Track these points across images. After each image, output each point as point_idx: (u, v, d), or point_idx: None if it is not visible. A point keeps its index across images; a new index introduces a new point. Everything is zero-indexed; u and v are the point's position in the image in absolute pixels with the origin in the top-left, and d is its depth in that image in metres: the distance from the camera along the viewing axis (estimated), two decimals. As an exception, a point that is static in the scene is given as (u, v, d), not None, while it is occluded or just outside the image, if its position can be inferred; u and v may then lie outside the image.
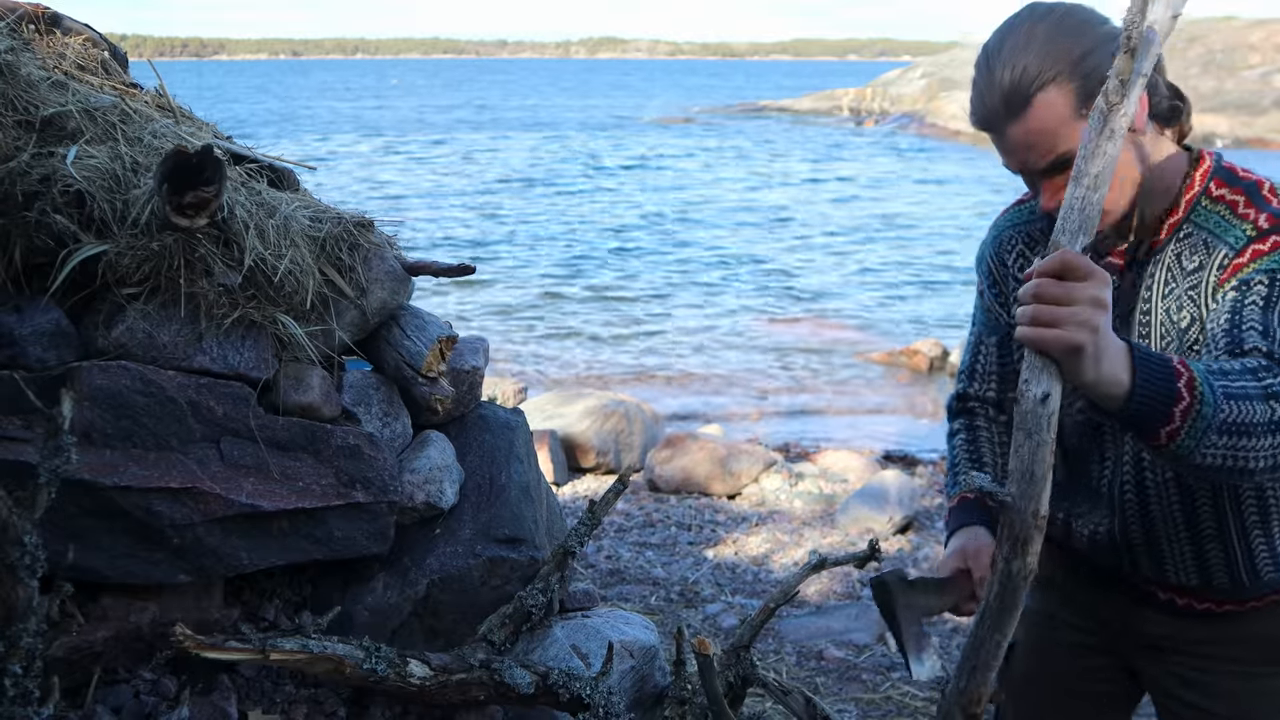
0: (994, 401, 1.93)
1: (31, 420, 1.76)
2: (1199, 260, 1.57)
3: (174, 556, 1.88)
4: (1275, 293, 1.46)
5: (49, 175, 1.82)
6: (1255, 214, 1.53)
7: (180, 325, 1.88)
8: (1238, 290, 1.49)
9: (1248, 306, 1.46)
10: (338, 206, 2.16)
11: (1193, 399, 1.29)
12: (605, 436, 6.71)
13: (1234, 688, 1.74)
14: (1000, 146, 1.53)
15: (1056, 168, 1.49)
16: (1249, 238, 1.51)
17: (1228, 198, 1.57)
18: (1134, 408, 1.29)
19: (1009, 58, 1.46)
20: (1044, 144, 1.47)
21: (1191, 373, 1.31)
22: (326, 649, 1.86)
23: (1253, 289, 1.47)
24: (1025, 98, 1.45)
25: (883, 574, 1.77)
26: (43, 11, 2.29)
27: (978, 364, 1.93)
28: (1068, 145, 1.46)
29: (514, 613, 2.14)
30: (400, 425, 2.18)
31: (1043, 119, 1.46)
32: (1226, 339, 1.44)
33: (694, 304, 12.90)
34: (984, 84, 1.49)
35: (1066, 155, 1.46)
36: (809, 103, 49.89)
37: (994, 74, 1.47)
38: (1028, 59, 1.45)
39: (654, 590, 4.62)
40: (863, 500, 5.70)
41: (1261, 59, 32.71)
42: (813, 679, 3.85)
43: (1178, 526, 1.70)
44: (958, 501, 1.87)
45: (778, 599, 2.47)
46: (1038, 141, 1.47)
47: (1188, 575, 1.72)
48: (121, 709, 1.84)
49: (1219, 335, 1.46)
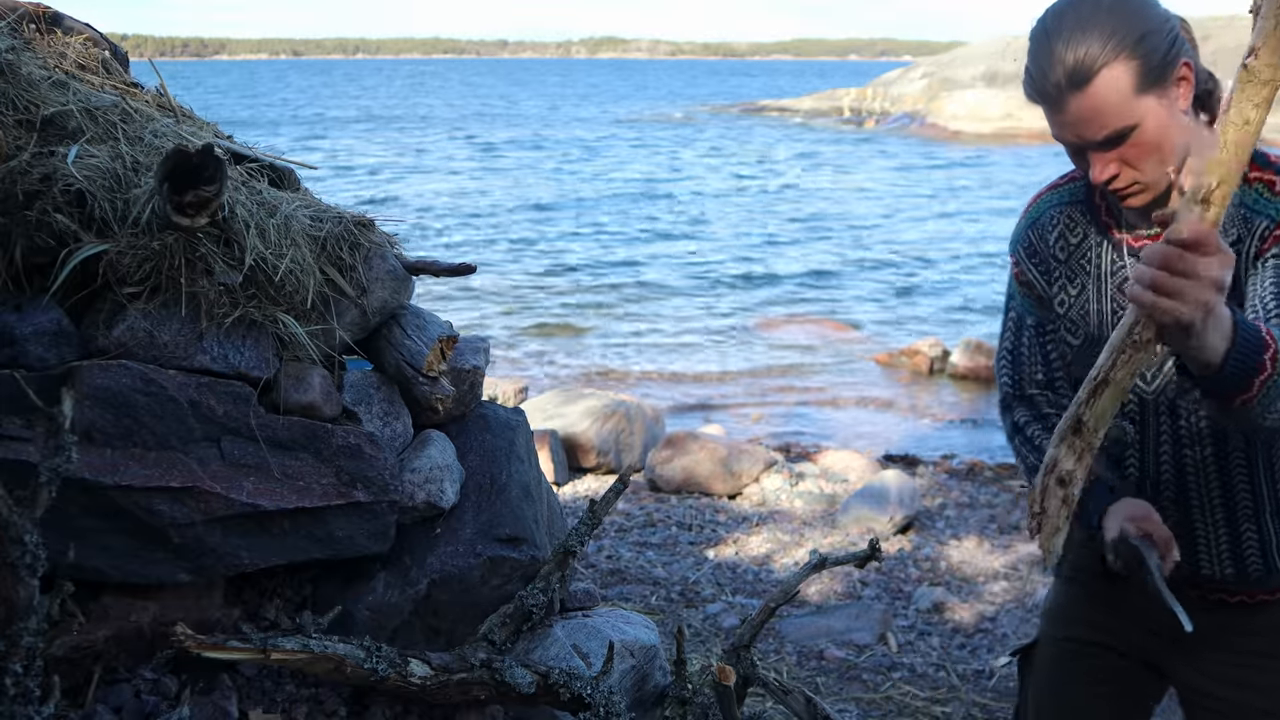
0: (1044, 384, 1.91)
1: (32, 419, 1.76)
2: (1237, 233, 1.61)
3: (175, 556, 1.88)
4: None
5: (50, 174, 1.82)
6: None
7: (181, 324, 1.88)
8: (1277, 259, 1.55)
9: None
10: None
11: (1273, 370, 1.35)
12: (606, 436, 6.70)
13: (1269, 681, 1.74)
14: (1056, 119, 1.56)
15: (1112, 141, 1.54)
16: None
17: (1262, 177, 1.62)
18: (1222, 376, 1.34)
19: (1072, 33, 1.50)
20: (1103, 119, 1.52)
21: (1276, 345, 1.36)
22: (327, 648, 1.86)
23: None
24: (1090, 73, 1.49)
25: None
26: (44, 11, 2.29)
27: (1021, 350, 1.92)
28: (1124, 121, 1.52)
29: (515, 612, 2.14)
30: (401, 425, 2.18)
31: (1104, 95, 1.50)
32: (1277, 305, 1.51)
33: (694, 304, 12.90)
34: (1044, 58, 1.53)
35: (1123, 130, 1.52)
36: (810, 103, 49.88)
37: (1055, 48, 1.51)
38: (1092, 35, 1.49)
39: (655, 590, 4.61)
40: (864, 500, 5.70)
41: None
42: (813, 679, 3.85)
43: (1214, 506, 1.72)
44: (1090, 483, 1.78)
45: (778, 599, 2.47)
46: (1097, 116, 1.52)
47: (1221, 563, 1.73)
48: (122, 708, 1.84)
49: (1269, 302, 1.52)
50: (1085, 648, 1.92)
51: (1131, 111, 1.51)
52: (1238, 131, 1.26)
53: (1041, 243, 1.84)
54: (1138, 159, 1.55)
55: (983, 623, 4.41)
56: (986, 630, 4.32)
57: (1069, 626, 1.96)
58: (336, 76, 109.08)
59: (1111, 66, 1.49)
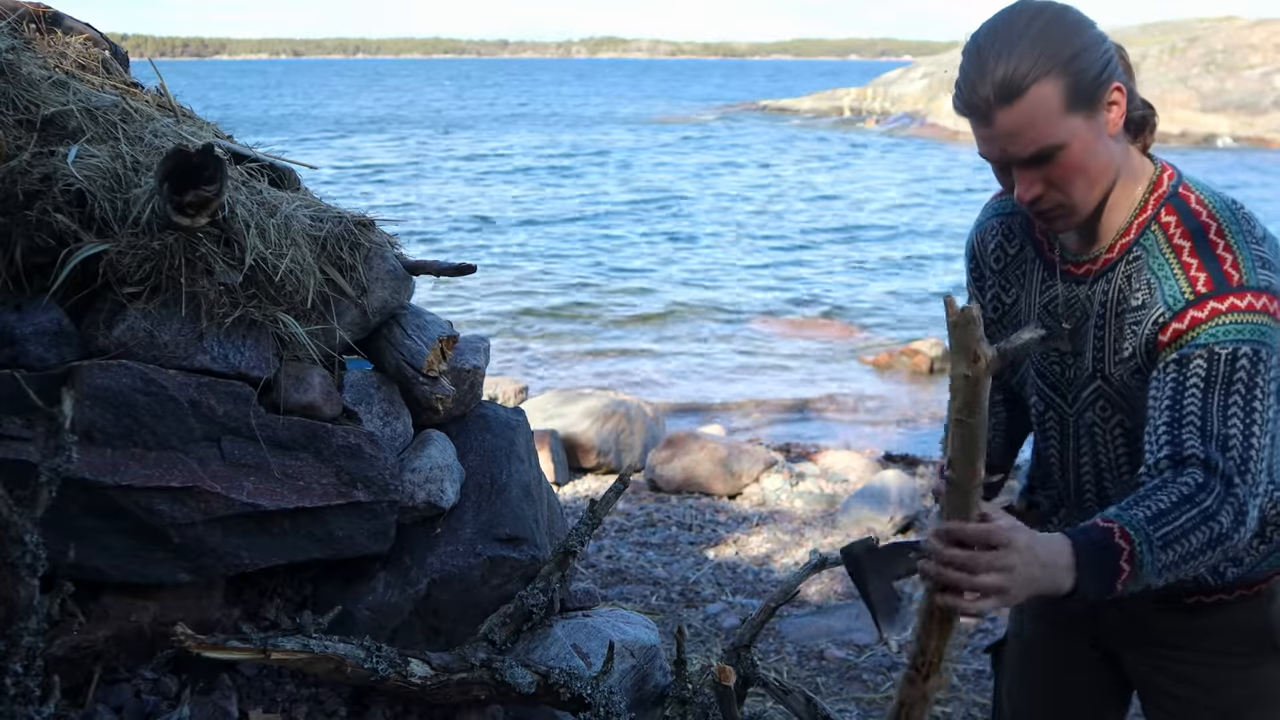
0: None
1: (32, 419, 1.76)
2: (1142, 299, 1.60)
3: (175, 556, 1.88)
4: (1214, 372, 1.50)
5: (50, 174, 1.82)
6: (1197, 269, 1.55)
7: (181, 324, 1.88)
8: (1178, 367, 1.52)
9: (1188, 393, 1.50)
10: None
11: (1133, 568, 1.38)
12: (606, 436, 6.70)
13: (1217, 678, 1.75)
14: (983, 134, 1.55)
15: (1037, 160, 1.52)
16: (1187, 301, 1.54)
17: (1175, 238, 1.59)
18: (1078, 595, 1.37)
19: (1004, 47, 1.49)
20: (1030, 135, 1.50)
21: (1132, 545, 1.38)
22: (327, 648, 1.86)
23: (1191, 368, 1.51)
24: (1019, 88, 1.48)
25: (850, 544, 1.81)
26: (44, 11, 2.29)
27: None
28: (1051, 139, 1.50)
29: (515, 612, 2.14)
30: (401, 424, 2.17)
31: (1033, 111, 1.49)
32: (1169, 438, 1.49)
33: (694, 303, 12.89)
34: (975, 71, 1.52)
35: (1049, 148, 1.50)
36: (810, 103, 49.88)
37: (986, 62, 1.50)
38: (1023, 51, 1.48)
39: (655, 590, 4.61)
40: (864, 500, 5.70)
41: (1262, 59, 32.69)
42: (813, 679, 3.85)
43: None
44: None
45: (778, 598, 2.47)
46: (1024, 132, 1.50)
47: None
48: (122, 708, 1.84)
49: (1161, 429, 1.51)
50: (1051, 641, 1.94)
51: (1058, 130, 1.49)
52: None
53: (980, 248, 1.86)
54: (1063, 181, 1.54)
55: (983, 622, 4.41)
56: (986, 630, 4.32)
57: (1035, 621, 1.99)
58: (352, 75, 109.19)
59: (1041, 83, 1.47)
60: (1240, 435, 1.47)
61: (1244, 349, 1.49)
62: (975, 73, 1.51)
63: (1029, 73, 1.47)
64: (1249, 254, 1.54)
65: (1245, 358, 1.49)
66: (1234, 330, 1.50)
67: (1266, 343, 1.51)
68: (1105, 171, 1.57)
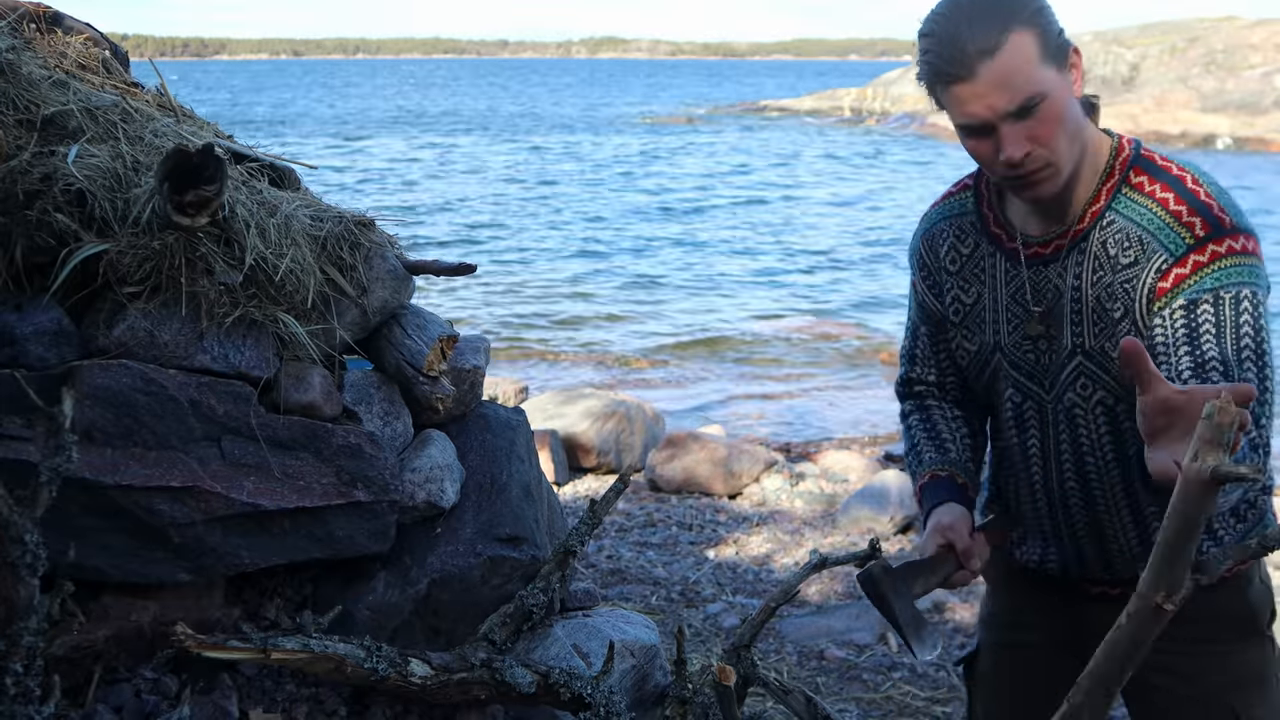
0: (935, 384, 1.98)
1: (32, 419, 1.76)
2: (1133, 255, 1.61)
3: (175, 555, 1.88)
4: (1222, 314, 1.53)
5: (50, 174, 1.82)
6: (1189, 215, 1.58)
7: (181, 324, 1.88)
8: (1185, 312, 1.55)
9: (1203, 338, 1.53)
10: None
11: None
12: (606, 436, 6.71)
13: (1196, 666, 1.75)
14: (965, 93, 1.55)
15: (1025, 110, 1.54)
16: (1188, 245, 1.57)
17: (1155, 193, 1.62)
18: None
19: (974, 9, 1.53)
20: (1016, 83, 1.52)
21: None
22: (327, 648, 1.86)
23: (1199, 313, 1.54)
24: (1000, 39, 1.51)
25: (868, 568, 1.80)
26: (44, 10, 2.29)
27: (916, 350, 1.98)
28: (1034, 87, 1.53)
29: (515, 612, 2.14)
30: (401, 424, 2.18)
31: (1014, 58, 1.52)
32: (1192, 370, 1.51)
33: (695, 303, 12.89)
34: (951, 32, 1.54)
35: (1033, 96, 1.53)
36: (810, 102, 49.87)
37: (959, 27, 1.53)
38: (994, 8, 1.53)
39: (655, 590, 4.61)
40: (864, 500, 5.70)
41: (1263, 59, 32.67)
42: (813, 679, 3.85)
43: (1120, 509, 1.74)
44: (929, 479, 1.90)
45: (778, 598, 2.47)
46: (1010, 80, 1.52)
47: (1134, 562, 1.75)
48: (122, 708, 1.84)
49: (1185, 373, 1.52)
50: (1021, 650, 1.95)
51: (1039, 79, 1.53)
52: None
53: (931, 255, 1.87)
54: (1048, 136, 1.55)
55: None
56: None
57: (1004, 631, 1.99)
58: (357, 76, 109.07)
59: (1018, 33, 1.51)
60: (1256, 373, 1.51)
61: (1244, 291, 1.53)
62: (951, 36, 1.53)
63: (1006, 25, 1.51)
64: (1229, 200, 1.59)
65: (1248, 300, 1.53)
66: (1234, 273, 1.54)
67: (1263, 285, 1.56)
68: (1080, 129, 1.60)
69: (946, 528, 1.79)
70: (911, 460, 1.98)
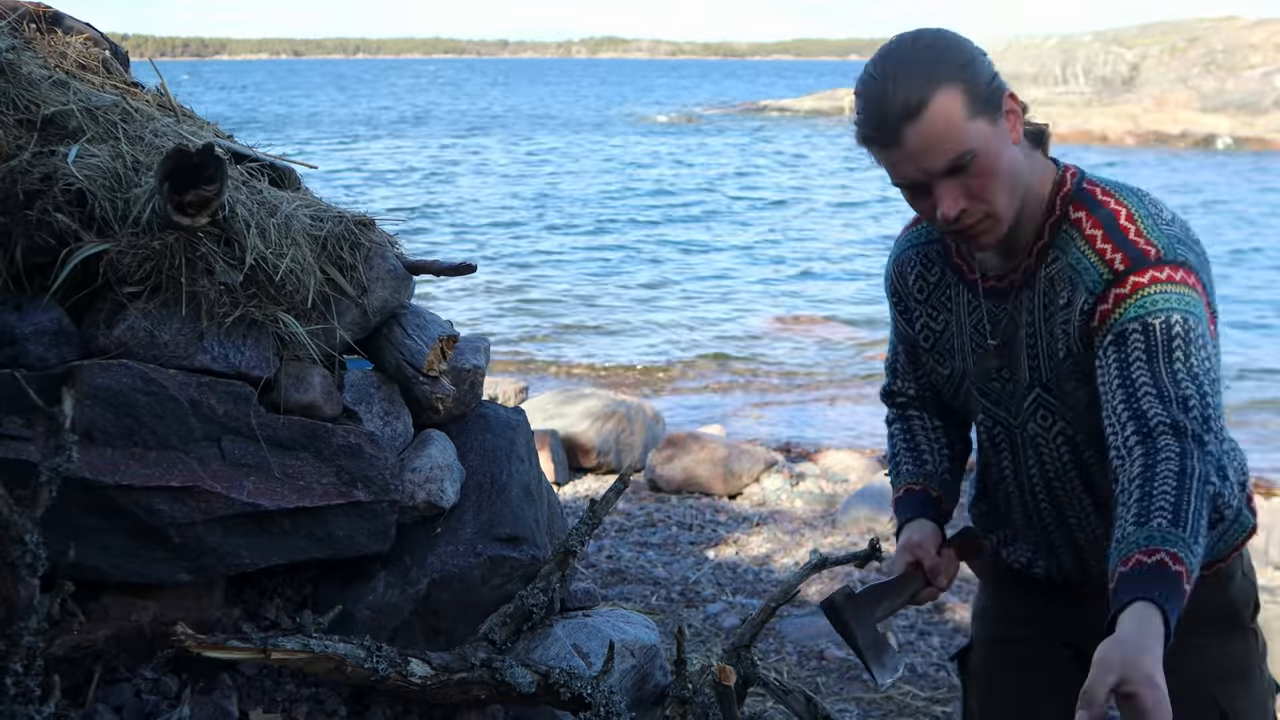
0: (916, 396, 2.02)
1: (33, 419, 1.76)
2: (1067, 296, 1.62)
3: (175, 555, 1.88)
4: (1153, 341, 1.51)
5: (50, 174, 1.83)
6: (1112, 252, 1.57)
7: (181, 324, 1.88)
8: (1116, 346, 1.53)
9: (1134, 366, 1.51)
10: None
11: (1189, 579, 1.37)
12: (606, 436, 6.70)
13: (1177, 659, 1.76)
14: (895, 157, 1.56)
15: (955, 170, 1.54)
16: (1107, 281, 1.56)
17: (1086, 229, 1.61)
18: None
19: (897, 70, 1.53)
20: (942, 145, 1.52)
21: (1184, 564, 1.37)
22: (328, 648, 1.86)
23: (1130, 343, 1.52)
24: (922, 100, 1.51)
25: (830, 596, 1.86)
26: (44, 10, 2.29)
27: (897, 364, 2.03)
28: (962, 145, 1.52)
29: (515, 612, 2.14)
30: (401, 424, 2.18)
31: (940, 119, 1.51)
32: (1130, 416, 1.49)
33: (694, 303, 12.88)
34: (876, 95, 1.54)
35: (963, 154, 1.52)
36: (811, 102, 49.89)
37: (885, 88, 1.53)
38: (918, 69, 1.52)
39: (655, 590, 4.61)
40: (864, 500, 5.70)
41: (1263, 59, 32.67)
42: (813, 679, 3.85)
43: (1091, 523, 1.76)
44: (903, 492, 1.97)
45: (778, 598, 2.47)
46: (936, 143, 1.52)
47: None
48: (122, 708, 1.84)
49: (1120, 410, 1.50)
50: (1013, 644, 1.96)
51: (967, 136, 1.52)
52: None
53: (900, 282, 1.89)
54: (983, 189, 1.55)
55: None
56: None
57: (995, 626, 2.01)
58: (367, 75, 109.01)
59: (940, 94, 1.51)
60: (1196, 394, 1.48)
61: (1175, 316, 1.51)
62: (876, 100, 1.54)
63: (928, 85, 1.51)
64: (1161, 233, 1.57)
65: (1178, 324, 1.51)
66: (1161, 300, 1.52)
67: (1194, 312, 1.52)
68: (1018, 177, 1.60)
69: (915, 545, 1.87)
70: (891, 471, 2.05)
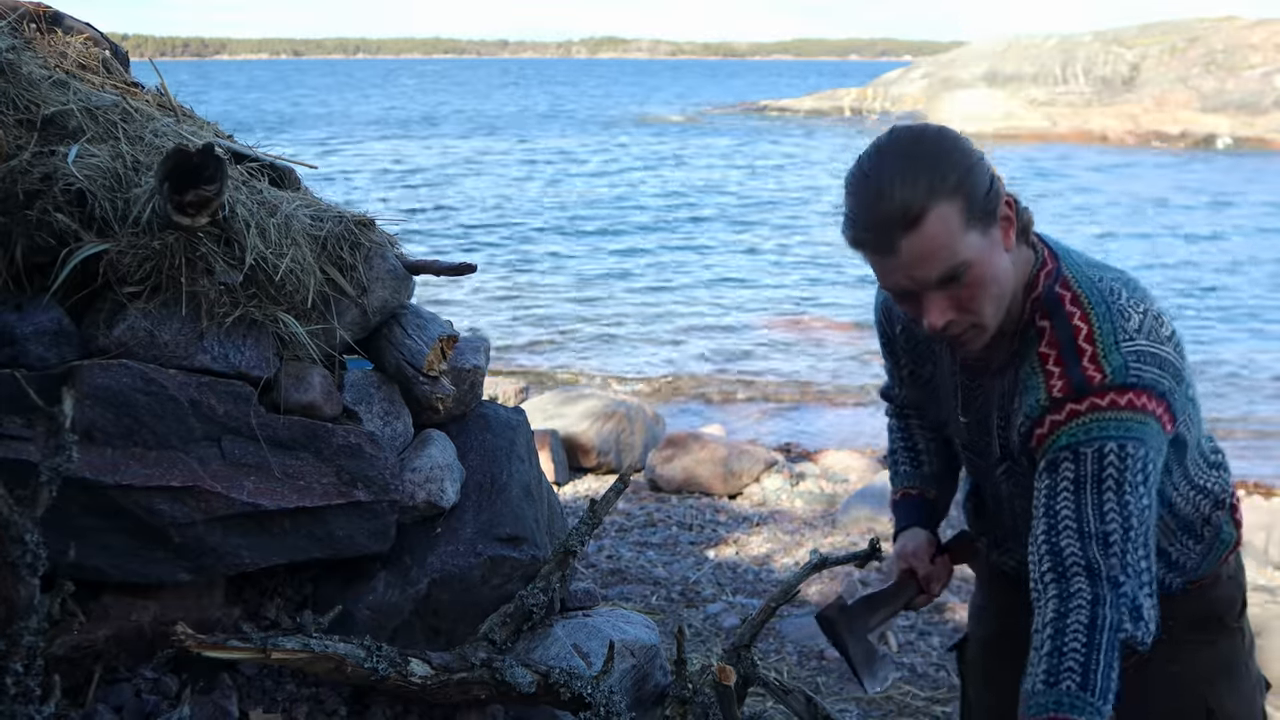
0: (911, 405, 2.08)
1: (33, 419, 1.76)
2: (1018, 403, 1.62)
3: (175, 555, 1.88)
4: (1083, 471, 1.50)
5: (50, 174, 1.82)
6: (1058, 377, 1.56)
7: (181, 324, 1.88)
8: (1048, 473, 1.53)
9: (1060, 497, 1.51)
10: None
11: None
12: (606, 436, 6.71)
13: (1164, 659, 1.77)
14: (888, 264, 1.53)
15: (946, 281, 1.52)
16: (1043, 408, 1.55)
17: (1043, 345, 1.59)
18: None
19: (896, 174, 1.48)
20: (938, 257, 1.49)
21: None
22: (328, 648, 1.86)
23: (1060, 471, 1.52)
24: (922, 210, 1.47)
25: (824, 610, 1.93)
26: (44, 10, 2.29)
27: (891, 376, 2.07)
28: (957, 258, 1.50)
29: (515, 612, 2.14)
30: (401, 424, 2.18)
31: (937, 232, 1.48)
32: (1049, 551, 1.50)
33: (694, 303, 12.88)
34: (871, 198, 1.50)
35: (957, 267, 1.50)
36: (811, 102, 49.88)
37: (882, 190, 1.49)
38: (918, 175, 1.48)
39: (655, 590, 4.61)
40: (864, 500, 5.70)
41: (1263, 59, 32.69)
42: (814, 678, 3.85)
43: None
44: (900, 497, 2.03)
45: (778, 598, 2.47)
46: (932, 255, 1.49)
47: None
48: (123, 707, 1.84)
49: (1041, 543, 1.51)
50: (1004, 640, 1.97)
51: (963, 249, 1.49)
52: None
53: (889, 327, 1.90)
54: (971, 300, 1.53)
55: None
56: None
57: (991, 622, 2.04)
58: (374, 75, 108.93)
59: (940, 205, 1.47)
60: (1120, 530, 1.47)
61: (1110, 445, 1.49)
62: (870, 203, 1.50)
63: (928, 195, 1.47)
64: (1117, 354, 1.53)
65: (1113, 454, 1.49)
66: (1096, 429, 1.50)
67: (1135, 437, 1.50)
68: (1007, 286, 1.58)
69: (910, 554, 1.93)
70: (890, 469, 2.10)
